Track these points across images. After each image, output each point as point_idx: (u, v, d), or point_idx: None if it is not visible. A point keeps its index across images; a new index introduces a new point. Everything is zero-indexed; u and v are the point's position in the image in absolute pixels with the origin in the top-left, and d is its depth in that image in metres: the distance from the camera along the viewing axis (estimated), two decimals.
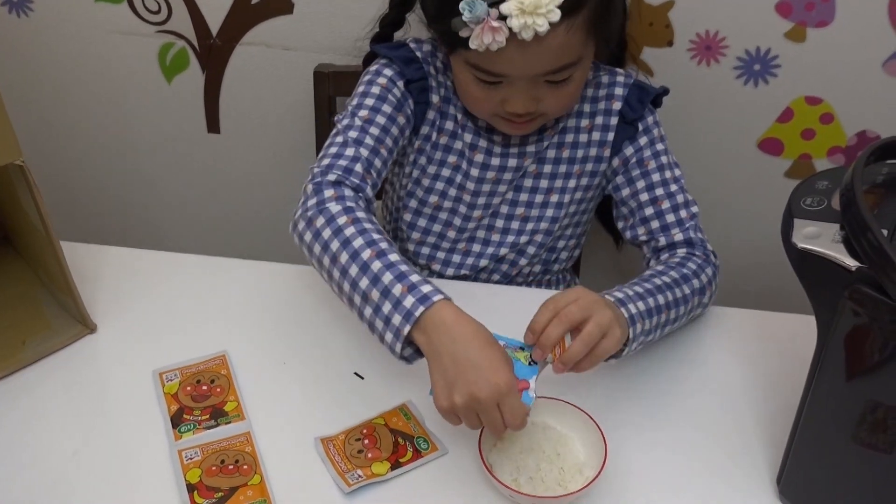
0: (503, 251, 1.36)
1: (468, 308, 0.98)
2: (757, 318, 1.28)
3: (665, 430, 1.10)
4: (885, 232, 0.81)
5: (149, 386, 1.14)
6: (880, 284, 0.78)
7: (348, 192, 1.12)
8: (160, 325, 1.24)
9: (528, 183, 1.31)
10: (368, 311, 1.01)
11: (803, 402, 0.94)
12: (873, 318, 0.81)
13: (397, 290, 0.99)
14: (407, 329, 0.96)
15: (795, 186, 0.92)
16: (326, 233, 1.07)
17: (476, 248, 1.37)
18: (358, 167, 1.15)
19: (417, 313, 0.96)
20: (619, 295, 1.07)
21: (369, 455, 1.06)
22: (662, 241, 1.25)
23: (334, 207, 1.09)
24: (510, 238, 1.35)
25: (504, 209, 1.33)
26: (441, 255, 1.38)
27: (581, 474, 0.99)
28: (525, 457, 1.00)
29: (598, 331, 0.97)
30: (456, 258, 1.38)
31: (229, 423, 1.10)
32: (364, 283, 1.01)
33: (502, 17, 1.05)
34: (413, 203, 1.35)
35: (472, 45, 1.08)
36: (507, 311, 1.05)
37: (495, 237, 1.36)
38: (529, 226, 1.34)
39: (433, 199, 1.33)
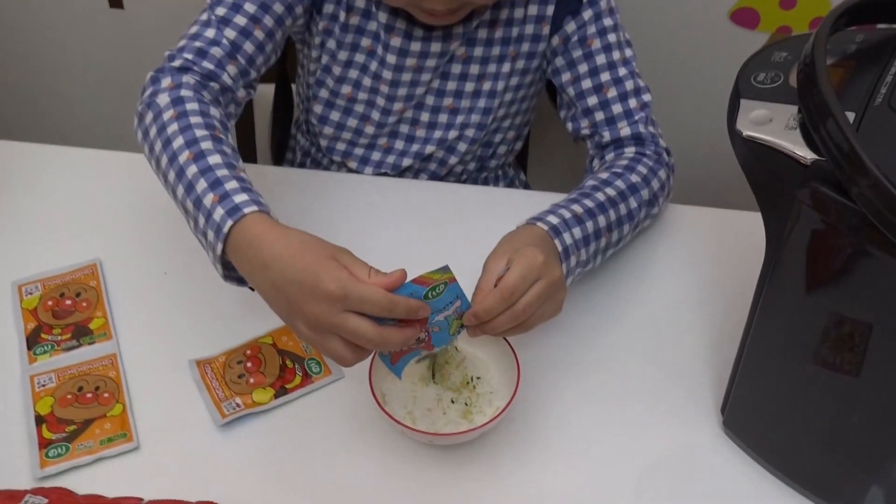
0: (430, 148, 1.18)
1: (394, 208, 0.80)
2: (713, 218, 1.12)
3: (595, 351, 0.96)
4: (850, 117, 0.64)
5: (5, 300, 0.99)
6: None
7: (190, 80, 0.94)
8: (24, 229, 1.07)
9: (455, 69, 1.12)
10: (191, 224, 0.85)
11: (750, 321, 0.79)
12: (835, 221, 0.65)
13: (209, 199, 0.81)
14: (220, 248, 0.79)
15: (747, 59, 0.75)
16: (152, 131, 0.90)
17: (398, 144, 1.19)
18: (216, 51, 0.96)
19: (226, 228, 0.78)
20: (554, 221, 0.90)
21: (251, 380, 0.91)
22: (607, 136, 1.07)
23: (163, 99, 0.91)
24: (437, 133, 1.17)
25: (429, 100, 1.15)
26: (359, 151, 1.21)
27: (490, 405, 0.85)
28: (424, 385, 0.86)
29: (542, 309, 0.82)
30: (375, 156, 1.20)
31: (93, 342, 0.95)
32: (180, 191, 0.85)
33: None
34: (324, 93, 1.16)
35: None
36: (438, 209, 0.89)
37: (420, 133, 1.18)
38: (459, 119, 1.16)
39: (346, 89, 1.15)
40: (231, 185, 0.82)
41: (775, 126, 0.67)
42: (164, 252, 1.05)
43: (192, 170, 0.84)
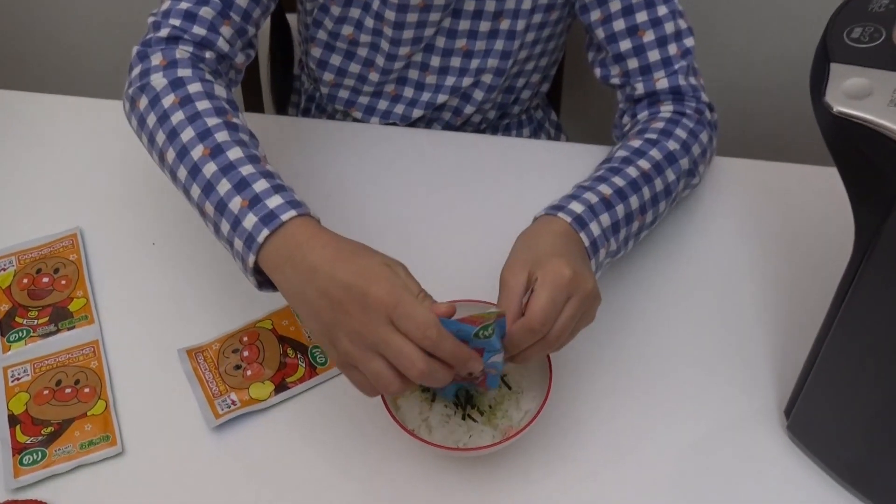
0: (442, 97, 1.04)
1: (404, 161, 0.68)
2: (763, 173, 0.99)
3: (632, 342, 0.84)
4: None
5: None
6: None
7: (184, 53, 0.81)
8: None
9: (468, 5, 0.97)
10: (210, 227, 0.75)
11: (831, 319, 0.67)
12: None
13: (235, 204, 0.70)
14: (252, 260, 0.69)
15: (838, 8, 0.60)
16: (151, 119, 0.78)
17: (407, 92, 1.05)
18: (206, 11, 0.82)
19: (261, 238, 0.68)
20: (578, 209, 0.76)
21: (248, 372, 0.81)
22: (641, 88, 0.92)
23: (158, 81, 0.79)
24: (450, 80, 1.03)
25: (439, 42, 1.00)
26: (363, 100, 1.07)
27: (518, 408, 0.74)
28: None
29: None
30: (382, 105, 1.07)
31: (73, 327, 0.85)
32: (196, 192, 0.74)
33: None
34: (322, 35, 1.02)
35: None
36: (454, 163, 0.76)
37: (430, 79, 1.04)
38: (474, 63, 1.02)
39: (346, 30, 1.00)
40: (260, 185, 0.71)
41: (876, 101, 0.54)
42: (152, 218, 0.94)
43: (210, 168, 0.72)
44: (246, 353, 0.82)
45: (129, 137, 0.84)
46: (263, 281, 0.72)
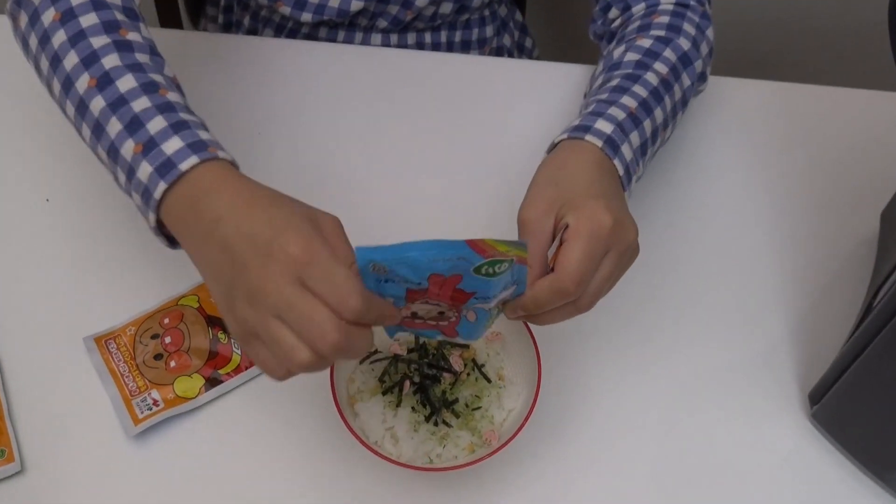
0: None
1: (346, 83, 0.58)
2: (769, 94, 0.85)
3: (640, 322, 0.72)
4: None
5: None
6: None
7: None
8: None
9: None
10: (111, 176, 0.59)
11: (870, 302, 0.55)
12: None
13: (128, 149, 0.56)
14: (152, 218, 0.56)
15: None
16: (33, 42, 0.62)
17: None
18: None
19: (157, 193, 0.54)
20: (607, 129, 0.62)
21: (172, 363, 0.67)
22: None
23: None
24: None
25: None
26: None
27: (501, 407, 0.62)
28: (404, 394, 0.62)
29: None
30: None
31: None
32: (87, 133, 0.59)
33: None
34: None
35: None
36: (413, 85, 0.61)
37: None
38: None
39: None
40: (156, 123, 0.55)
41: None
42: (44, 168, 0.77)
43: (97, 103, 0.57)
44: (168, 339, 0.68)
45: (10, 60, 0.67)
46: (169, 244, 0.58)
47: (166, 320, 0.69)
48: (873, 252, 0.74)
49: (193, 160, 0.54)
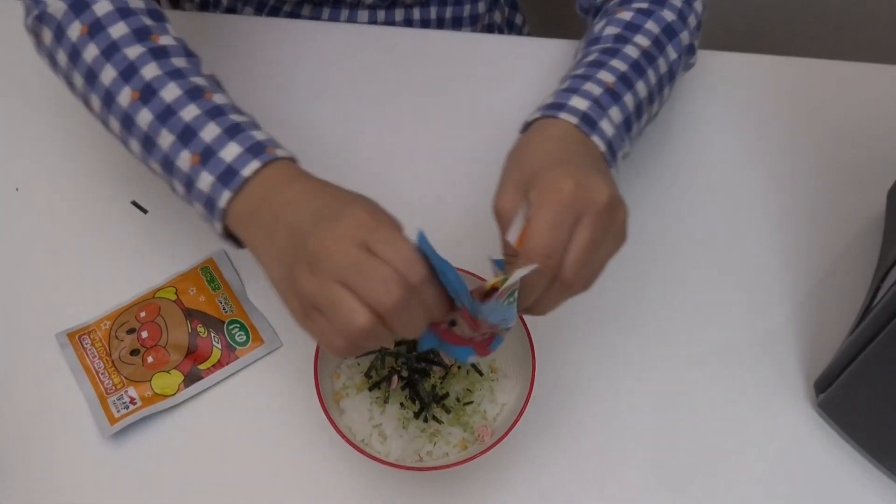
0: None
1: (331, 59, 0.62)
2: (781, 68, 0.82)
3: (638, 307, 0.69)
4: None
5: None
6: None
7: None
8: None
9: None
10: (168, 186, 0.59)
11: (875, 291, 0.52)
12: None
13: (184, 160, 0.55)
14: (219, 227, 0.55)
15: None
16: (62, 59, 0.61)
17: None
18: None
19: (222, 203, 0.53)
20: (582, 105, 0.58)
21: (150, 359, 0.64)
22: None
23: (57, 6, 0.60)
24: None
25: None
26: None
27: (494, 401, 0.59)
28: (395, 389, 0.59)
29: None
30: None
31: None
32: (136, 147, 0.59)
33: None
34: None
35: None
36: (398, 62, 0.59)
37: None
38: None
39: None
40: (210, 131, 0.55)
41: None
42: (13, 155, 0.73)
43: (144, 117, 0.56)
44: (145, 334, 0.65)
45: None
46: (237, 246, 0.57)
47: (143, 314, 0.66)
48: (880, 232, 0.71)
49: (255, 164, 0.53)
